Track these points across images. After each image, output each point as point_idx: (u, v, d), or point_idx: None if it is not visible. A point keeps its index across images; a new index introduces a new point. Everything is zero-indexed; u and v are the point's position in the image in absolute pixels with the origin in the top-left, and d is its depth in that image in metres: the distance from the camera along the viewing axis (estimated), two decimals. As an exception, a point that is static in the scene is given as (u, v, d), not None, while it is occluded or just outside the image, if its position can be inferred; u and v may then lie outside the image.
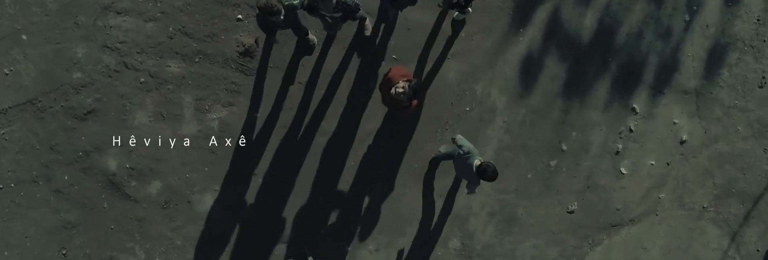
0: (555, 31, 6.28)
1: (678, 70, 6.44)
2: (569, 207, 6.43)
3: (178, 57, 5.93)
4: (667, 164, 6.51)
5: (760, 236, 6.54)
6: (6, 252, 5.93)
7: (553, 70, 6.31)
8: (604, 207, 6.47)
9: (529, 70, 6.30)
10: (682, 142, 6.52)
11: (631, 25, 6.36)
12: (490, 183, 5.75)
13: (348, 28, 5.99)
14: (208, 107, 6.00)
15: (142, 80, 5.94)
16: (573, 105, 6.36)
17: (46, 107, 5.90)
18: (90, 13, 5.86)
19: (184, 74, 5.94)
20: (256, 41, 5.95)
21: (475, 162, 5.00)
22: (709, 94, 6.50)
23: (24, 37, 5.84)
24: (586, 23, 6.30)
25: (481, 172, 4.89)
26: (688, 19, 6.42)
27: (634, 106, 6.43)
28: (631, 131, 6.45)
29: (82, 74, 5.88)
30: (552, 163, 6.37)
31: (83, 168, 5.96)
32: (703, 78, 6.49)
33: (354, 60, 6.10)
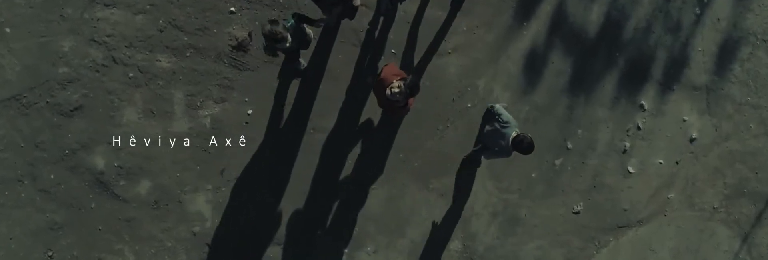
0: (560, 25, 6.24)
1: (688, 66, 6.41)
2: (575, 207, 6.40)
3: (169, 51, 5.84)
4: (677, 163, 6.50)
5: (772, 237, 6.57)
6: (-10, 254, 5.90)
7: (558, 66, 6.26)
8: (610, 207, 6.44)
9: (533, 66, 6.23)
10: (691, 140, 6.51)
11: (639, 19, 6.33)
12: (493, 183, 5.72)
13: (345, 21, 5.91)
14: (199, 103, 5.90)
15: (131, 75, 5.83)
16: (578, 101, 6.32)
17: (31, 103, 5.79)
18: (76, 5, 5.76)
19: (174, 69, 5.85)
20: (250, 35, 5.86)
21: (512, 134, 4.93)
22: (720, 90, 6.48)
23: (7, 30, 5.73)
24: (592, 17, 6.26)
25: (517, 143, 4.83)
26: (698, 12, 6.39)
27: (642, 102, 6.41)
28: (638, 129, 6.42)
29: (68, 69, 5.78)
30: (557, 162, 6.33)
31: (70, 167, 5.86)
32: (713, 73, 6.48)
33: (351, 54, 6.01)
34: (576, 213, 6.39)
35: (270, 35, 4.48)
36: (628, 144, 6.39)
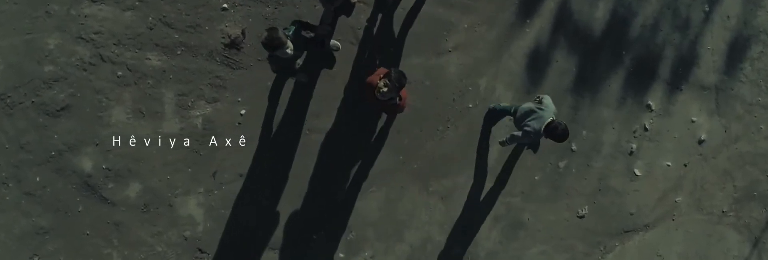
0: (564, 22, 6.19)
1: (696, 65, 6.39)
2: (579, 211, 6.37)
3: (159, 49, 5.76)
4: (685, 165, 6.50)
5: (783, 242, 6.65)
6: (-27, 260, 5.85)
7: (562, 64, 6.20)
8: (616, 211, 6.42)
9: (537, 64, 6.18)
10: (700, 142, 6.50)
11: (646, 16, 6.28)
12: (495, 185, 5.76)
13: (341, 18, 5.85)
14: (191, 103, 5.82)
15: (120, 74, 5.75)
16: (583, 102, 6.29)
17: (16, 103, 5.71)
18: (63, 2, 5.67)
19: (164, 68, 5.77)
20: (243, 32, 5.79)
21: (548, 119, 4.94)
22: (730, 90, 6.47)
23: (-9, 27, 5.68)
24: (597, 14, 6.23)
25: (552, 129, 4.81)
26: (707, 9, 6.38)
27: (650, 102, 6.38)
28: (645, 130, 6.40)
29: (54, 67, 5.69)
30: (561, 164, 6.29)
31: (56, 169, 5.78)
32: (723, 73, 6.46)
33: (349, 52, 5.93)
34: (581, 217, 6.36)
35: (268, 42, 4.40)
36: (634, 145, 6.37)
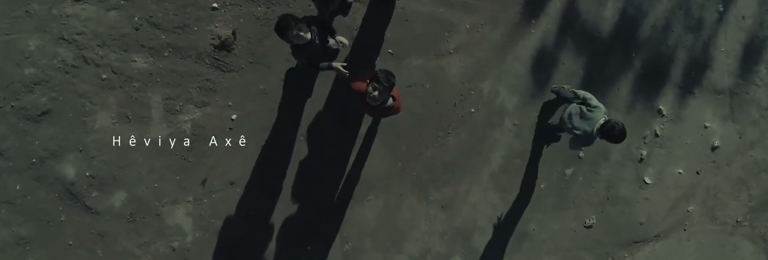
0: (572, 23, 6.12)
1: (710, 67, 6.36)
2: (586, 221, 6.37)
3: (145, 50, 5.64)
4: (697, 173, 6.51)
5: (800, 254, 6.70)
6: (-49, 272, 5.81)
7: (569, 67, 6.14)
8: (625, 221, 6.42)
9: (542, 67, 6.11)
10: (713, 148, 6.49)
11: (657, 16, 6.22)
12: (498, 194, 5.74)
13: (338, 18, 5.75)
14: (179, 107, 5.71)
15: (104, 77, 5.63)
16: None
17: None
18: (44, 1, 5.53)
19: (151, 70, 5.66)
20: (234, 33, 5.65)
21: (600, 120, 4.89)
22: (745, 94, 6.46)
23: (-33, 27, 5.59)
24: (606, 13, 6.14)
25: (609, 130, 4.75)
26: (721, 9, 6.30)
27: (661, 107, 6.35)
28: (656, 136, 6.37)
29: (35, 70, 5.56)
30: (567, 172, 6.27)
31: (37, 177, 5.66)
32: (738, 76, 6.42)
33: (345, 53, 5.82)
34: (588, 227, 6.35)
35: (279, 25, 4.25)
36: (644, 152, 6.35)
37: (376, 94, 4.37)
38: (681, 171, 6.43)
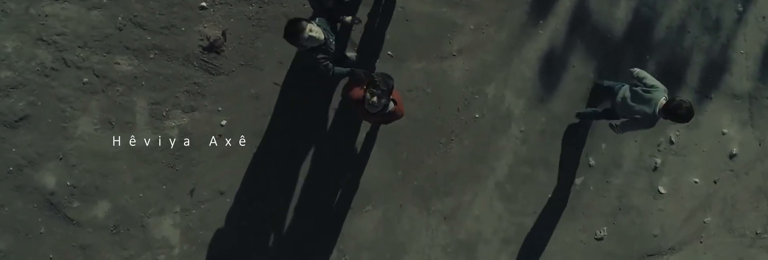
0: (582, 23, 6.09)
1: (728, 71, 6.36)
2: (597, 232, 6.34)
3: (129, 52, 5.54)
4: (714, 182, 6.50)
5: (821, 267, 6.65)
6: (-75, 286, 5.74)
7: (579, 70, 6.11)
8: (638, 232, 6.41)
9: (551, 69, 6.07)
10: (731, 156, 6.48)
11: (672, 17, 6.20)
12: (504, 205, 5.69)
13: None
14: (165, 113, 5.61)
15: (86, 80, 5.51)
16: None
17: None
18: None
19: (136, 73, 5.56)
20: (224, 34, 5.55)
21: (660, 100, 4.74)
22: (765, 99, 6.47)
23: (-60, 27, 5.49)
24: (618, 13, 6.09)
25: (673, 109, 4.60)
26: (740, 9, 6.29)
27: None
28: (671, 143, 6.36)
29: (11, 73, 5.43)
30: (577, 181, 6.24)
31: (15, 186, 5.53)
32: (757, 80, 6.42)
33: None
34: (599, 239, 6.32)
35: (288, 28, 4.15)
36: (658, 160, 6.33)
37: (375, 99, 4.29)
38: (697, 180, 6.43)
